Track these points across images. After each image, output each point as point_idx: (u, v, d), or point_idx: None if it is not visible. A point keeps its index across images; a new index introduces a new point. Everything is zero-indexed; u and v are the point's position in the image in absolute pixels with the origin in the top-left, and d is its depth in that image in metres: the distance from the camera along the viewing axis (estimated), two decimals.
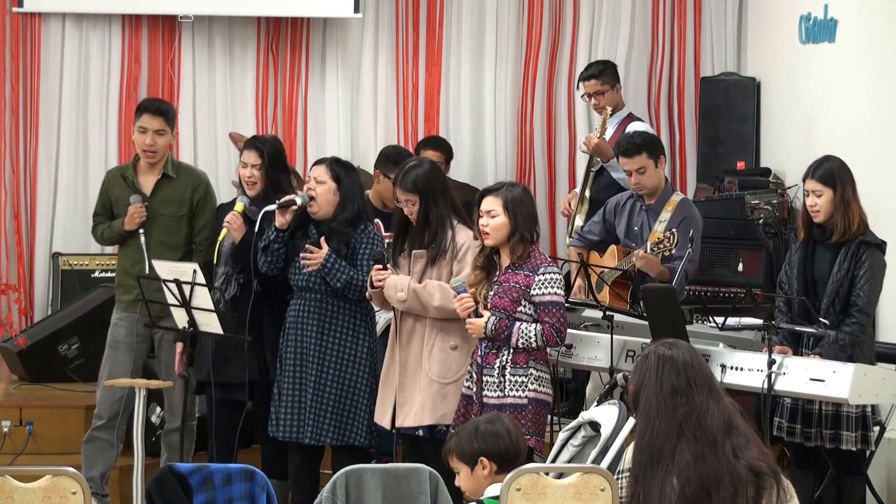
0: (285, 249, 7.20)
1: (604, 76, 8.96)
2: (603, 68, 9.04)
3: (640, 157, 7.85)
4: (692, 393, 4.98)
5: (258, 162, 7.47)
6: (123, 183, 7.72)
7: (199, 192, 7.72)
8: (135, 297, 7.51)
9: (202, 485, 5.51)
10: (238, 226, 7.33)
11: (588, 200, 8.87)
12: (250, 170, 7.48)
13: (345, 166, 7.27)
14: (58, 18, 10.08)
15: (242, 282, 7.35)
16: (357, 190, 7.24)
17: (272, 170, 7.47)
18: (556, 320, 6.51)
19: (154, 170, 7.70)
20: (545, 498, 5.07)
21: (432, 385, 6.81)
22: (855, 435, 6.74)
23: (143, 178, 7.71)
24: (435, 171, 6.97)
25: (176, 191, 7.69)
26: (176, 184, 7.71)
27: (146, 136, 7.63)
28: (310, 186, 7.18)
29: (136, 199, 7.59)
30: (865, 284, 6.73)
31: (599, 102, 8.95)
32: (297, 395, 7.13)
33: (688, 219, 7.80)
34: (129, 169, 7.78)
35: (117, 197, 7.72)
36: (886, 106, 8.09)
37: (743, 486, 4.91)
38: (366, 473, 5.41)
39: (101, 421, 7.63)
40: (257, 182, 7.47)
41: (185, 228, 7.68)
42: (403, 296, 6.79)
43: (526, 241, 6.56)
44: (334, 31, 10.23)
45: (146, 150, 7.65)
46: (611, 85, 8.95)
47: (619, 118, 8.96)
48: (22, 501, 4.92)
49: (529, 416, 6.49)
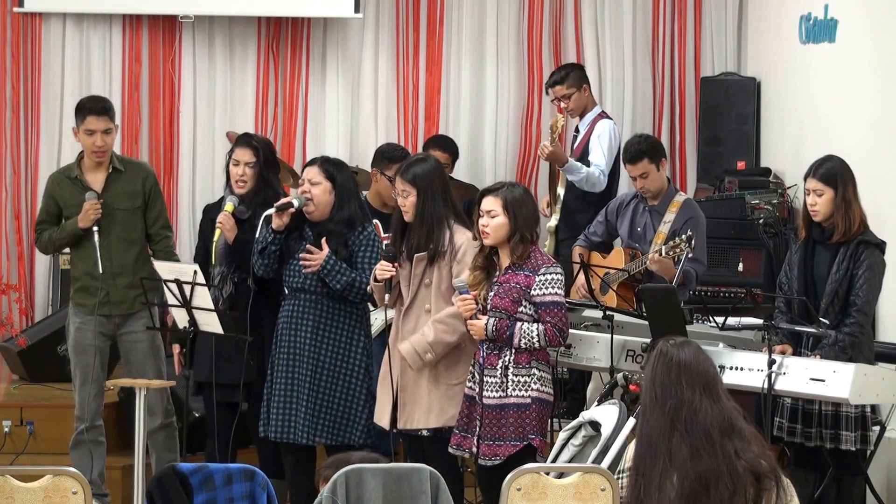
0: (280, 251, 7.19)
1: (568, 80, 9.00)
2: (567, 73, 9.07)
3: (642, 162, 7.86)
4: (680, 388, 4.96)
5: (252, 160, 7.40)
6: (70, 184, 7.64)
7: (149, 183, 7.67)
8: (101, 299, 7.50)
9: (203, 485, 5.51)
10: (231, 226, 7.30)
11: (560, 199, 8.92)
12: (242, 167, 7.40)
13: (336, 164, 7.23)
14: (58, 18, 10.08)
15: (238, 281, 7.34)
16: (352, 187, 7.20)
17: (266, 169, 7.43)
18: (557, 320, 6.51)
19: (101, 166, 7.63)
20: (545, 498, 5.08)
21: (440, 387, 6.79)
22: (854, 435, 6.75)
23: (90, 176, 7.63)
24: (438, 170, 6.95)
25: (128, 184, 7.63)
26: (126, 177, 7.64)
27: (94, 137, 7.56)
28: (304, 189, 7.16)
29: (91, 196, 7.50)
30: (864, 284, 6.73)
31: (568, 106, 8.99)
32: (290, 395, 7.10)
33: (692, 219, 7.80)
34: (73, 169, 7.69)
35: (65, 199, 7.63)
36: (886, 106, 8.09)
37: (742, 486, 4.91)
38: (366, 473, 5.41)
39: (85, 424, 7.64)
40: (248, 181, 7.40)
41: (141, 221, 7.64)
42: (431, 357, 6.77)
43: (526, 242, 6.55)
44: (334, 31, 10.23)
45: (96, 151, 7.59)
46: (577, 87, 8.98)
47: (590, 118, 8.98)
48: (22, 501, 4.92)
49: (534, 415, 6.49)
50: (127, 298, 7.55)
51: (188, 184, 10.15)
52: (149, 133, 10.14)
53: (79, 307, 7.68)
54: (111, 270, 7.53)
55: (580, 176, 8.65)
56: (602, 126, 8.85)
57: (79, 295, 7.68)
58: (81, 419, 7.66)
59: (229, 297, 7.29)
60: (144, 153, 10.03)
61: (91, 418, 7.65)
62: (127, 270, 7.57)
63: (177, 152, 10.17)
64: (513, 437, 6.49)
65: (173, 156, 10.16)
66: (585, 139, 8.90)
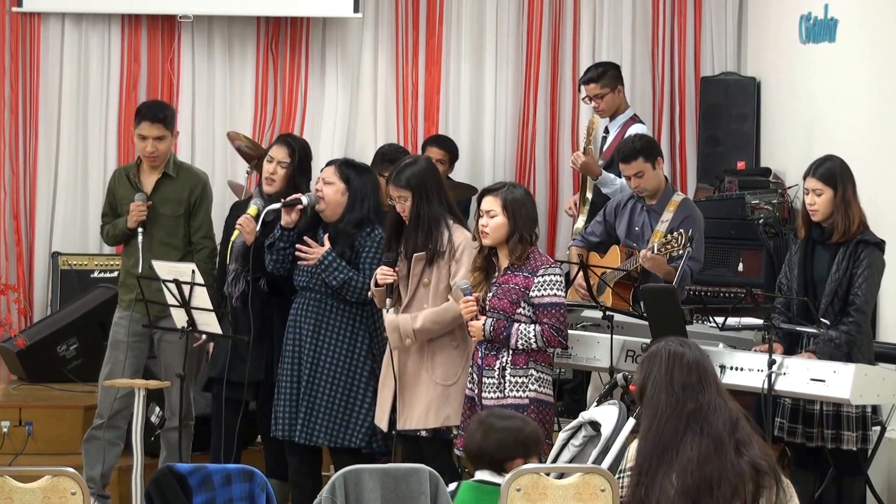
0: (292, 249, 7.17)
1: (604, 79, 8.90)
2: (603, 71, 8.97)
3: (636, 161, 7.84)
4: (703, 390, 5.01)
5: (287, 160, 7.39)
6: (128, 182, 7.74)
7: (196, 192, 7.71)
8: (134, 297, 7.51)
9: (201, 485, 5.50)
10: (251, 229, 7.28)
11: (589, 202, 8.87)
12: (275, 166, 7.39)
13: (357, 168, 7.21)
14: (57, 18, 10.07)
15: (251, 279, 7.33)
16: (370, 192, 7.15)
17: (298, 171, 7.41)
18: (555, 321, 6.49)
19: (155, 169, 7.72)
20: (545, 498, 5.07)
21: (436, 388, 6.79)
22: (855, 435, 6.74)
23: (145, 178, 7.74)
24: (430, 169, 6.93)
25: (175, 190, 7.69)
26: (175, 183, 7.71)
27: (146, 143, 7.63)
28: (318, 187, 7.16)
29: (140, 198, 7.60)
30: (863, 283, 6.72)
31: (599, 106, 8.91)
32: (294, 394, 7.12)
33: (689, 218, 7.79)
34: (132, 168, 7.81)
35: (122, 196, 7.74)
36: (886, 106, 8.09)
37: (742, 483, 4.92)
38: (365, 474, 5.40)
39: (102, 420, 7.63)
40: (277, 180, 7.39)
41: (184, 228, 7.68)
42: (410, 343, 6.79)
43: (525, 242, 6.55)
44: (334, 31, 10.23)
45: (147, 157, 7.66)
46: (611, 88, 8.89)
47: (622, 121, 8.92)
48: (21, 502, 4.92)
49: (532, 416, 6.47)
50: (161, 300, 7.53)
51: None
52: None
53: (120, 302, 7.75)
54: (148, 273, 7.53)
55: (613, 188, 8.55)
56: (634, 131, 8.68)
57: (121, 290, 7.76)
58: (100, 415, 7.64)
59: (242, 295, 7.28)
60: None
61: (109, 416, 7.61)
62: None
63: (176, 152, 10.12)
64: None
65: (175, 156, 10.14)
66: (616, 142, 8.77)
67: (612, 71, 9.01)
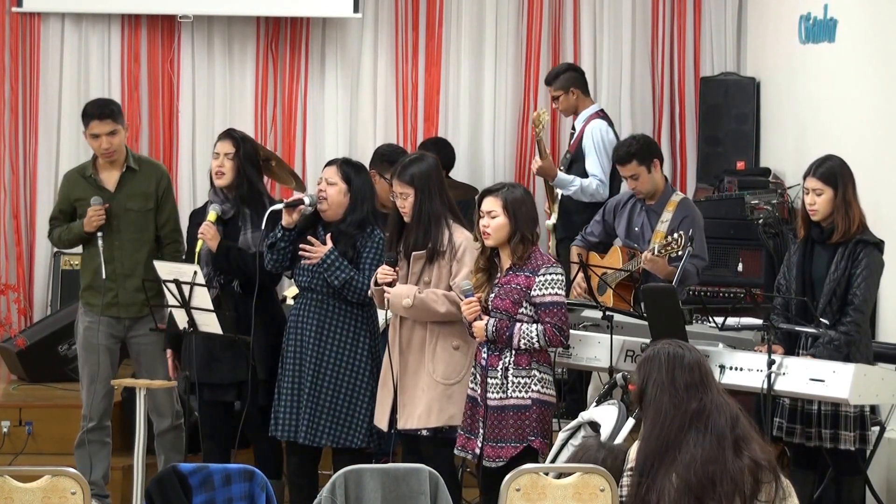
0: (292, 249, 7.17)
1: (556, 82, 9.12)
2: (555, 75, 9.18)
3: (630, 164, 7.87)
4: (706, 389, 5.03)
5: (231, 151, 7.36)
6: (84, 183, 7.64)
7: (162, 184, 7.67)
8: (110, 301, 7.50)
9: (202, 485, 5.51)
10: (212, 235, 7.27)
11: (558, 199, 8.99)
12: (221, 159, 7.37)
13: (355, 167, 7.22)
14: (57, 18, 10.08)
15: (223, 282, 7.33)
16: (368, 191, 7.18)
17: (245, 160, 7.37)
18: (557, 320, 6.50)
19: (115, 164, 7.63)
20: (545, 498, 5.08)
21: (437, 387, 6.79)
22: (853, 434, 6.74)
23: (104, 175, 7.64)
24: (434, 168, 6.93)
25: (140, 184, 7.62)
26: (140, 176, 7.64)
27: (100, 141, 7.55)
28: (321, 187, 7.16)
29: (96, 201, 7.50)
30: (862, 283, 6.72)
31: (558, 107, 9.16)
32: (296, 395, 7.12)
33: (689, 218, 7.80)
34: (88, 168, 7.69)
35: (79, 198, 7.62)
36: (886, 106, 8.09)
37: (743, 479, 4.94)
38: (365, 474, 5.41)
39: (92, 423, 7.62)
40: (227, 172, 7.36)
41: (153, 223, 7.63)
42: (409, 302, 6.76)
43: (527, 242, 6.55)
44: (334, 31, 10.23)
45: (104, 153, 7.59)
46: (564, 90, 9.08)
47: (585, 116, 9.07)
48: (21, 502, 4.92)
49: (534, 416, 6.48)
50: (136, 301, 7.51)
51: (188, 184, 10.15)
52: (148, 133, 10.14)
53: (88, 306, 7.65)
54: (121, 272, 7.51)
55: (573, 189, 8.80)
56: (591, 128, 8.92)
57: (87, 294, 7.66)
58: (87, 418, 7.64)
59: (215, 299, 7.25)
60: (143, 153, 10.01)
61: (98, 418, 7.62)
62: (137, 272, 7.53)
63: (176, 152, 10.17)
64: (513, 438, 6.49)
65: (172, 156, 10.15)
66: (579, 138, 8.99)
67: (567, 73, 9.17)
